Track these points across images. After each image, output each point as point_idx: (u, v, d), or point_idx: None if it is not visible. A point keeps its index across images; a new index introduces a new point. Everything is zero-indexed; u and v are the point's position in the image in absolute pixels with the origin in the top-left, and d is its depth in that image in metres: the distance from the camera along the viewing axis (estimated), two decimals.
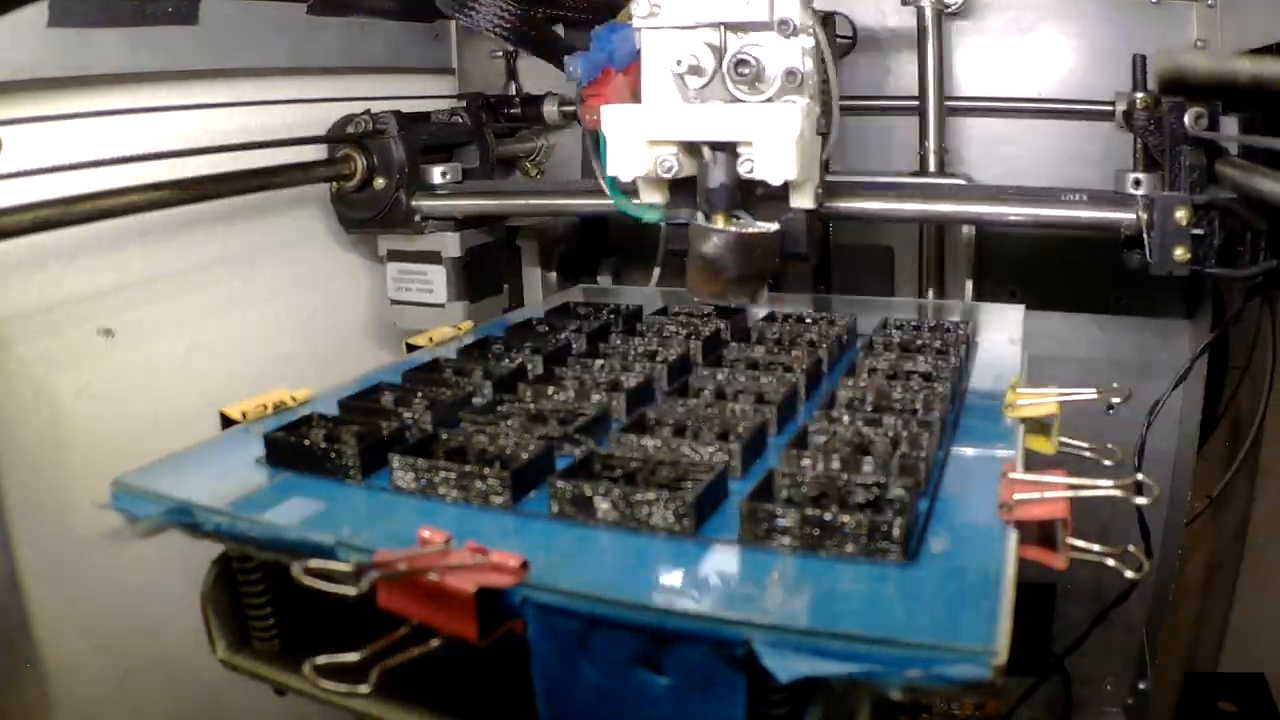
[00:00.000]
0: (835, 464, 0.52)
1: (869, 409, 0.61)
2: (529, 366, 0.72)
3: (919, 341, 0.75)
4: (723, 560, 0.46)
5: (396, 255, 1.17)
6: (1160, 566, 1.18)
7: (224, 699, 0.89)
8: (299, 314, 1.16)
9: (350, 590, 0.42)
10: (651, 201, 0.81)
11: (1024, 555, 0.46)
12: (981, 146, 1.22)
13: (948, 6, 1.15)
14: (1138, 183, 0.93)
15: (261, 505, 0.52)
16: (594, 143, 0.77)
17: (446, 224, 1.13)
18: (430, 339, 0.80)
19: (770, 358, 0.72)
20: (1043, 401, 0.61)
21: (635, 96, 0.77)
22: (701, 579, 0.44)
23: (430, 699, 0.48)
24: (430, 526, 0.44)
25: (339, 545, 0.46)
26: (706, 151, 0.74)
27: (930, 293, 1.20)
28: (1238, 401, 1.29)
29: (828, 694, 0.41)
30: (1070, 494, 0.48)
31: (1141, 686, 1.26)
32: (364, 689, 0.45)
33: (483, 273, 1.19)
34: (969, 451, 0.57)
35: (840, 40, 1.22)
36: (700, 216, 0.77)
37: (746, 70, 0.70)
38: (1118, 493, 0.48)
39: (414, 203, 1.11)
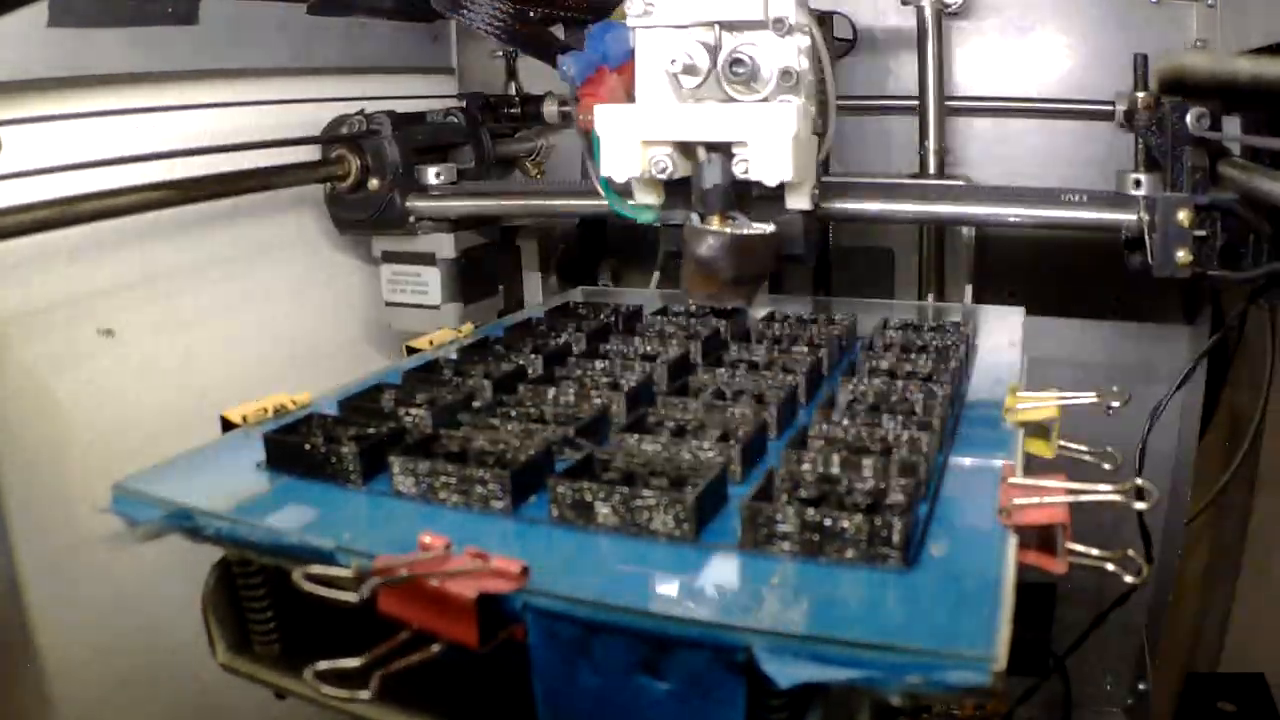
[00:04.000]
0: (835, 467, 0.52)
1: (869, 411, 0.61)
2: (529, 367, 0.72)
3: (918, 343, 0.75)
4: (723, 565, 0.46)
5: (391, 257, 1.16)
6: (1160, 567, 1.18)
7: (224, 702, 0.89)
8: (297, 316, 1.15)
9: (351, 597, 0.42)
10: (646, 202, 0.80)
11: (1023, 560, 0.46)
12: (981, 146, 1.22)
13: (948, 6, 1.15)
14: (1139, 183, 0.92)
15: (262, 510, 0.52)
16: (588, 143, 0.77)
17: (441, 225, 1.12)
18: (430, 341, 0.80)
19: (770, 359, 0.72)
20: (1042, 405, 0.61)
21: (630, 96, 0.75)
22: (702, 584, 0.44)
23: (431, 704, 0.48)
24: (431, 532, 0.45)
25: (339, 550, 0.46)
26: (701, 152, 0.72)
27: (930, 295, 1.20)
28: (1237, 401, 1.29)
29: (827, 699, 0.41)
30: (1069, 499, 0.48)
31: (1141, 687, 1.26)
32: (365, 694, 0.45)
33: (478, 274, 1.18)
34: (968, 455, 0.57)
35: (840, 41, 1.22)
36: (695, 218, 0.75)
37: (741, 70, 0.68)
38: (1117, 497, 0.48)
39: (408, 203, 1.09)
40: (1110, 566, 0.47)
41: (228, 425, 0.63)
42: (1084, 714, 1.26)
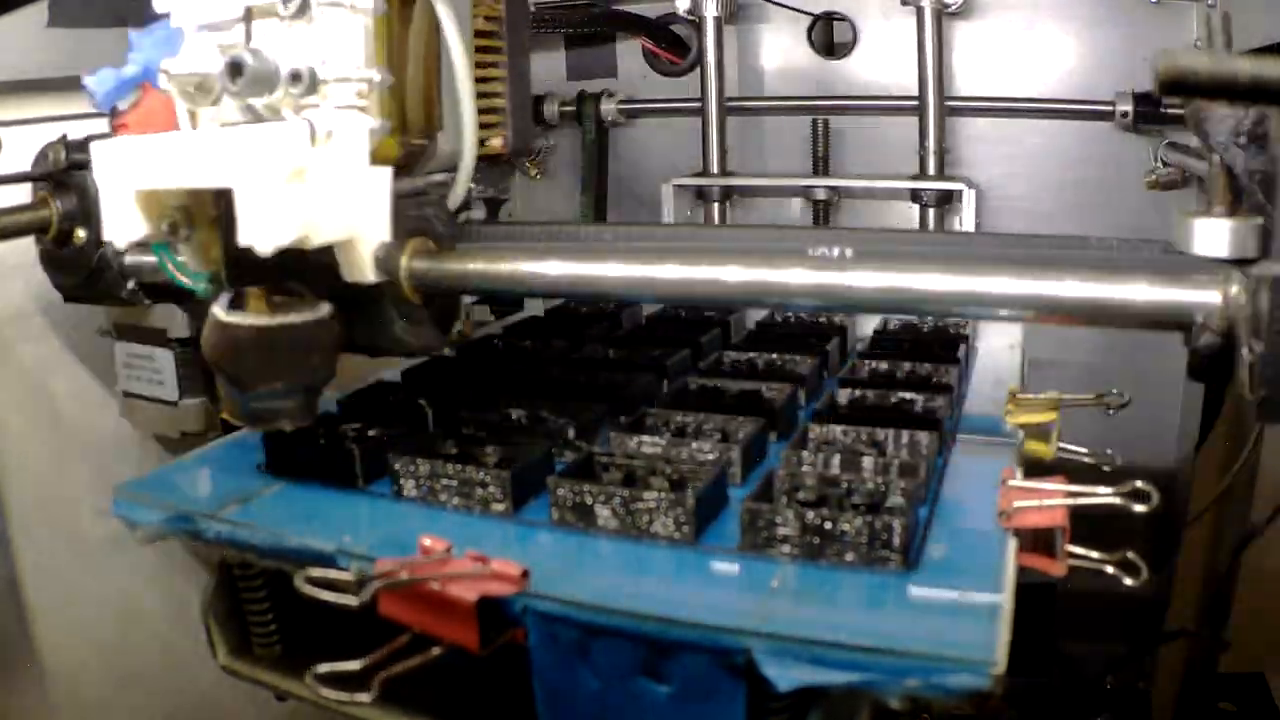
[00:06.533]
0: (834, 469, 0.52)
1: (868, 413, 0.61)
2: (529, 367, 0.72)
3: (919, 344, 0.75)
4: (723, 568, 0.46)
5: (125, 331, 0.84)
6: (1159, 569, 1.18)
7: (225, 703, 0.89)
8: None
9: (352, 600, 0.42)
10: (200, 266, 0.53)
11: (1023, 562, 0.46)
12: (981, 146, 1.22)
13: (948, 6, 1.15)
14: (1214, 238, 0.44)
15: (262, 513, 0.52)
16: None
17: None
18: None
19: (770, 360, 0.72)
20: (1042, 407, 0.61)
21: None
22: (702, 587, 0.45)
23: (432, 707, 0.48)
24: (431, 534, 0.45)
25: (340, 553, 0.46)
26: (210, 204, 0.50)
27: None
28: (1240, 402, 1.29)
29: (827, 701, 0.41)
30: (1069, 501, 0.48)
31: (1141, 686, 1.26)
32: (365, 697, 0.45)
33: None
34: (968, 457, 0.57)
35: (840, 41, 1.22)
36: (224, 297, 0.51)
37: (239, 78, 0.44)
38: (1116, 500, 0.48)
39: (129, 261, 0.71)
40: (1110, 569, 0.47)
41: (228, 427, 0.63)
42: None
